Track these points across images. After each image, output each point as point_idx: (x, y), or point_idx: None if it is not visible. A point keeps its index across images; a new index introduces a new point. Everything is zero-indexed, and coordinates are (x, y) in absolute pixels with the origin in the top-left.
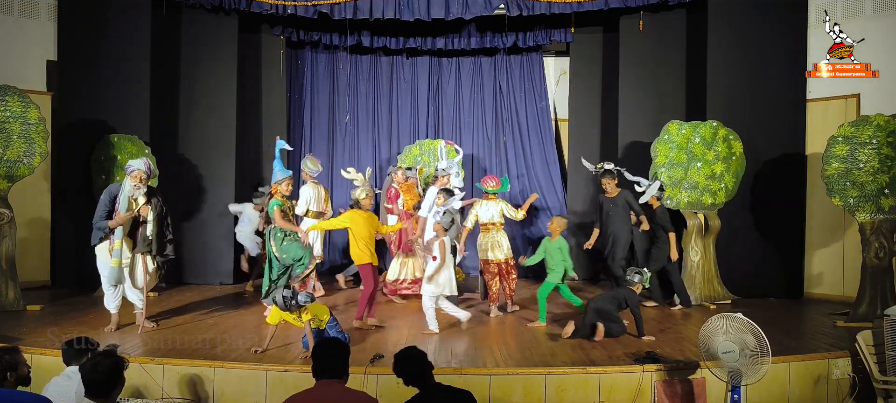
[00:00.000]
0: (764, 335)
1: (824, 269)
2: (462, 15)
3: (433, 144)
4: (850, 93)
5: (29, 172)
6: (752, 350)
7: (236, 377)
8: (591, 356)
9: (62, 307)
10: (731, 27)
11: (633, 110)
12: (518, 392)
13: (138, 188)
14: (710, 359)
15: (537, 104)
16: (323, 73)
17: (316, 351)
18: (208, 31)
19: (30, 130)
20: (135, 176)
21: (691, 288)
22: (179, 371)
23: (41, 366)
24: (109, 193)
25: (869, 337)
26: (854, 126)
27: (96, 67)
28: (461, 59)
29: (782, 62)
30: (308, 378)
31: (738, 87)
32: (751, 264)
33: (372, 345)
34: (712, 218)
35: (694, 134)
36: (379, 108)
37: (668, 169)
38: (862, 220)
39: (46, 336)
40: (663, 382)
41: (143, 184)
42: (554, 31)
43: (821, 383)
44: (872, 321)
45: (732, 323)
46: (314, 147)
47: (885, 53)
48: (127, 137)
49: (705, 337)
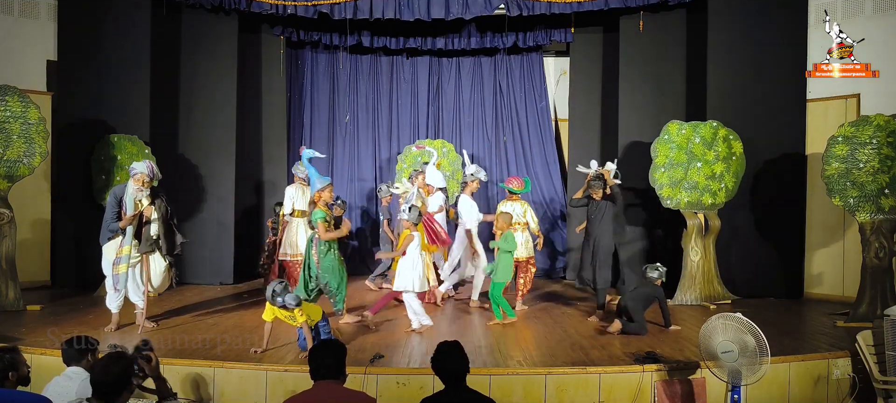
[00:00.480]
0: (763, 335)
1: (824, 269)
2: (462, 15)
3: (433, 144)
4: (850, 93)
5: (29, 172)
6: (752, 351)
7: (236, 377)
8: (591, 356)
9: (62, 307)
10: (732, 27)
11: (633, 110)
12: (518, 392)
13: (141, 190)
14: (710, 359)
15: (537, 104)
16: (323, 73)
17: (313, 353)
18: (208, 31)
19: (30, 130)
20: (137, 179)
21: (691, 288)
22: (180, 371)
23: (41, 366)
24: (114, 195)
25: (869, 337)
26: (854, 126)
27: (96, 67)
28: (461, 58)
29: (782, 62)
30: (308, 379)
31: (739, 87)
32: (751, 264)
33: (372, 346)
34: (712, 218)
35: (694, 134)
36: (379, 108)
37: (669, 169)
38: (862, 220)
39: (46, 336)
40: (663, 382)
41: (146, 187)
42: (554, 31)
43: (821, 383)
44: (872, 321)
45: (731, 323)
46: (314, 147)
47: (885, 53)
48: (127, 137)
49: (705, 337)
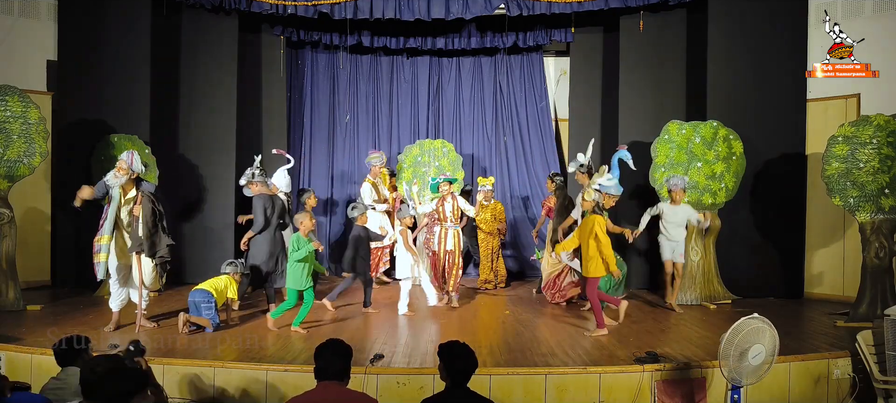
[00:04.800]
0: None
1: (824, 269)
2: (462, 15)
3: (433, 144)
4: (851, 93)
5: (29, 172)
6: (770, 351)
7: (237, 377)
8: (592, 355)
9: (62, 307)
10: (732, 27)
11: (633, 110)
12: (518, 391)
13: (117, 177)
14: (736, 361)
15: (537, 104)
16: (323, 73)
17: (318, 352)
18: (208, 31)
19: (30, 130)
20: (118, 167)
21: (692, 288)
22: (180, 371)
23: (41, 367)
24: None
25: (869, 337)
26: (854, 126)
27: (96, 67)
28: (461, 58)
29: (783, 62)
30: (308, 378)
31: (739, 87)
32: (751, 264)
33: (372, 345)
34: (712, 218)
35: (694, 134)
36: (379, 108)
37: (669, 169)
38: (862, 220)
39: (46, 336)
40: (663, 382)
41: (122, 174)
42: (554, 31)
43: (821, 383)
44: (873, 321)
45: (761, 325)
46: (314, 147)
47: (885, 53)
48: (127, 137)
49: (741, 340)
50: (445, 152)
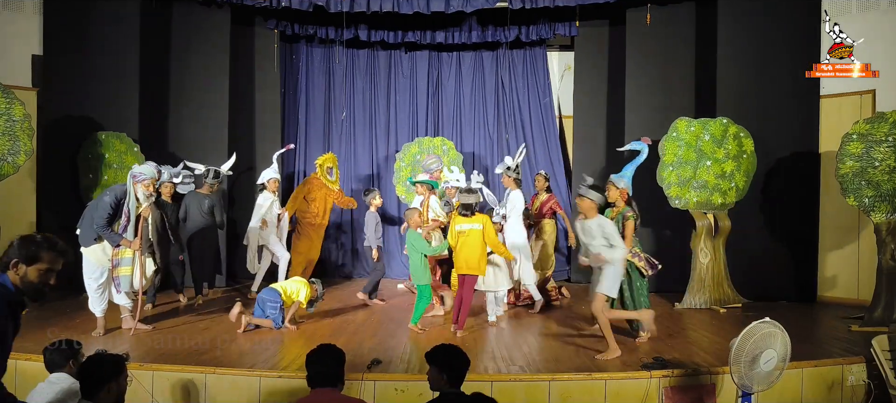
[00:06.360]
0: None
1: (838, 272)
2: (463, 8)
3: (433, 142)
4: (866, 90)
5: (14, 171)
6: (782, 356)
7: (229, 383)
8: (597, 362)
9: (49, 311)
10: (742, 20)
11: (640, 106)
12: (521, 399)
13: (150, 197)
14: (747, 366)
15: (541, 100)
16: (318, 68)
17: (310, 358)
18: (200, 25)
19: (14, 127)
20: (147, 185)
21: (701, 291)
22: (170, 377)
23: (27, 372)
24: (115, 196)
25: (884, 342)
26: (869, 123)
27: (83, 62)
28: (462, 53)
29: (795, 56)
30: (301, 385)
31: (749, 83)
32: (762, 266)
33: (369, 351)
34: (722, 218)
35: (703, 131)
36: (377, 105)
37: (677, 167)
38: (877, 221)
39: (33, 340)
40: (671, 388)
41: (151, 190)
42: (558, 25)
43: (835, 389)
44: (888, 325)
45: (772, 329)
46: (309, 145)
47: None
48: (115, 135)
49: (752, 345)
50: (445, 150)
